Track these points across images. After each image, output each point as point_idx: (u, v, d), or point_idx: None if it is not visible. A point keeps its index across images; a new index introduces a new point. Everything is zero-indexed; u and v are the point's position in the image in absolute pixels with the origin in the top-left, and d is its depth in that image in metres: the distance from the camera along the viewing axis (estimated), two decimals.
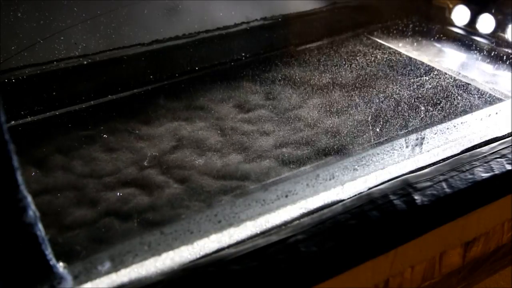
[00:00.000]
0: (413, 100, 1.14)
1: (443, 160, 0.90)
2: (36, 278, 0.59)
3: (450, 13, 1.50)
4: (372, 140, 1.01)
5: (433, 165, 0.88)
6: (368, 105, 1.14)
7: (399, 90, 1.19)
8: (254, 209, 0.80)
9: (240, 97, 1.22)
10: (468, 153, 0.91)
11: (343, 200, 0.80)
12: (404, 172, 0.87)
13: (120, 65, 1.25)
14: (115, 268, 0.69)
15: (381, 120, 1.08)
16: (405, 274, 0.84)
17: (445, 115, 1.08)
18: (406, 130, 1.03)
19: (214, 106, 1.19)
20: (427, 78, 1.24)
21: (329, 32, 1.50)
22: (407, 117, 1.08)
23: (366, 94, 1.18)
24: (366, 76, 1.27)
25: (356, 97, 1.18)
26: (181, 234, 0.75)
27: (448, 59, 1.39)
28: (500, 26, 1.38)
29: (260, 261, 0.70)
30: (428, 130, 0.98)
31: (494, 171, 0.88)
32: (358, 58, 1.36)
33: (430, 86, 1.21)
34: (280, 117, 1.13)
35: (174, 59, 1.32)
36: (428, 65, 1.31)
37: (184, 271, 0.68)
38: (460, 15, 1.48)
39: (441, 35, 1.49)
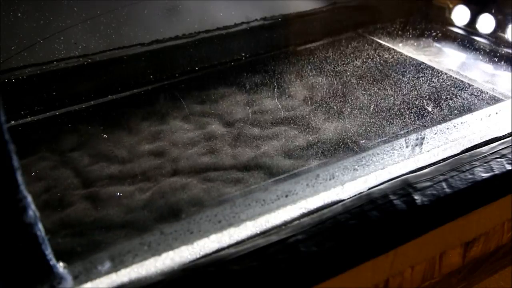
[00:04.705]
0: (413, 100, 1.14)
1: (443, 160, 0.90)
2: (36, 278, 0.59)
3: (450, 13, 1.50)
4: (372, 140, 1.01)
5: (433, 165, 0.88)
6: (368, 105, 1.14)
7: (399, 90, 1.19)
8: (254, 209, 0.80)
9: (240, 97, 1.22)
10: (468, 153, 0.91)
11: (343, 200, 0.80)
12: (404, 172, 0.87)
13: (120, 65, 1.25)
14: (115, 268, 0.69)
15: (381, 120, 1.08)
16: (405, 274, 0.84)
17: (445, 115, 1.08)
18: (406, 130, 1.03)
19: (215, 106, 1.19)
20: (427, 78, 1.24)
21: (329, 32, 1.50)
22: (407, 117, 1.08)
23: (366, 94, 1.18)
24: (366, 76, 1.27)
25: (356, 97, 1.18)
26: (181, 234, 0.75)
27: (448, 59, 1.39)
28: (500, 26, 1.38)
29: (260, 261, 0.70)
30: (428, 130, 0.98)
31: (494, 171, 0.88)
32: (358, 58, 1.36)
33: (430, 86, 1.21)
34: (281, 117, 1.13)
35: (174, 59, 1.32)
36: (428, 65, 1.31)
37: (184, 271, 0.68)
38: (460, 15, 1.48)
39: (441, 35, 1.49)
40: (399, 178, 0.85)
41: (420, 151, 0.96)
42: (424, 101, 1.14)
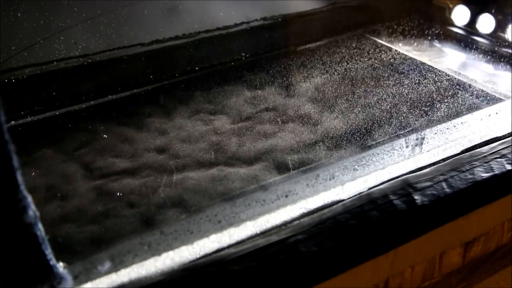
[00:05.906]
0: (413, 100, 1.14)
1: (443, 160, 0.90)
2: (36, 278, 0.59)
3: (450, 13, 1.50)
4: (372, 140, 1.01)
5: (433, 165, 0.88)
6: (368, 105, 1.14)
7: (399, 90, 1.19)
8: (254, 209, 0.80)
9: (240, 97, 1.22)
10: (468, 153, 0.91)
11: (343, 200, 0.80)
12: (404, 172, 0.87)
13: (120, 65, 1.25)
14: (115, 268, 0.69)
15: (381, 120, 1.08)
16: (405, 274, 0.84)
17: (445, 115, 1.08)
18: (406, 130, 1.03)
19: (215, 106, 1.19)
20: (427, 78, 1.24)
21: (329, 32, 1.50)
22: (407, 117, 1.08)
23: (366, 94, 1.18)
24: (366, 76, 1.27)
25: (356, 97, 1.18)
26: (181, 234, 0.75)
27: (448, 59, 1.39)
28: (500, 26, 1.38)
29: (260, 261, 0.70)
30: (428, 130, 0.98)
31: (494, 171, 0.87)
32: (358, 58, 1.36)
33: (430, 86, 1.21)
34: (281, 117, 1.13)
35: (174, 59, 1.32)
36: (428, 65, 1.31)
37: (184, 271, 0.68)
38: (460, 15, 1.48)
39: (441, 35, 1.49)
40: (399, 178, 0.85)
41: (420, 151, 0.96)
42: (424, 101, 1.14)
